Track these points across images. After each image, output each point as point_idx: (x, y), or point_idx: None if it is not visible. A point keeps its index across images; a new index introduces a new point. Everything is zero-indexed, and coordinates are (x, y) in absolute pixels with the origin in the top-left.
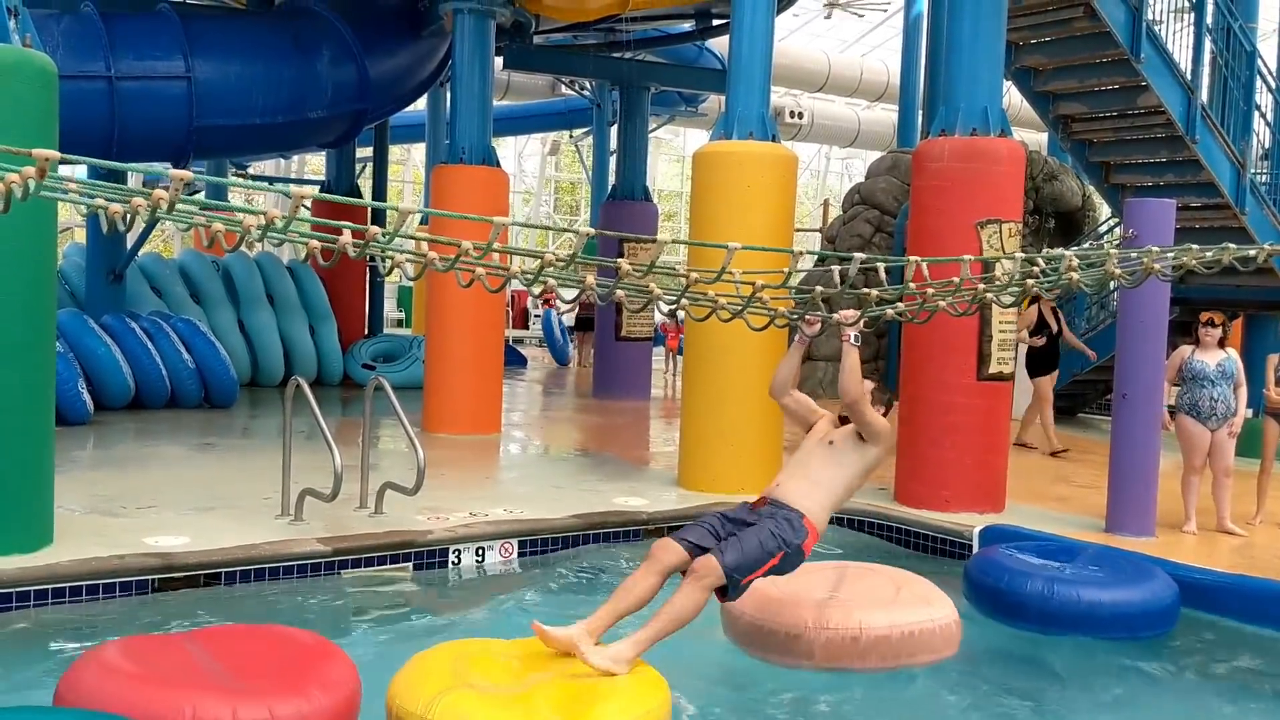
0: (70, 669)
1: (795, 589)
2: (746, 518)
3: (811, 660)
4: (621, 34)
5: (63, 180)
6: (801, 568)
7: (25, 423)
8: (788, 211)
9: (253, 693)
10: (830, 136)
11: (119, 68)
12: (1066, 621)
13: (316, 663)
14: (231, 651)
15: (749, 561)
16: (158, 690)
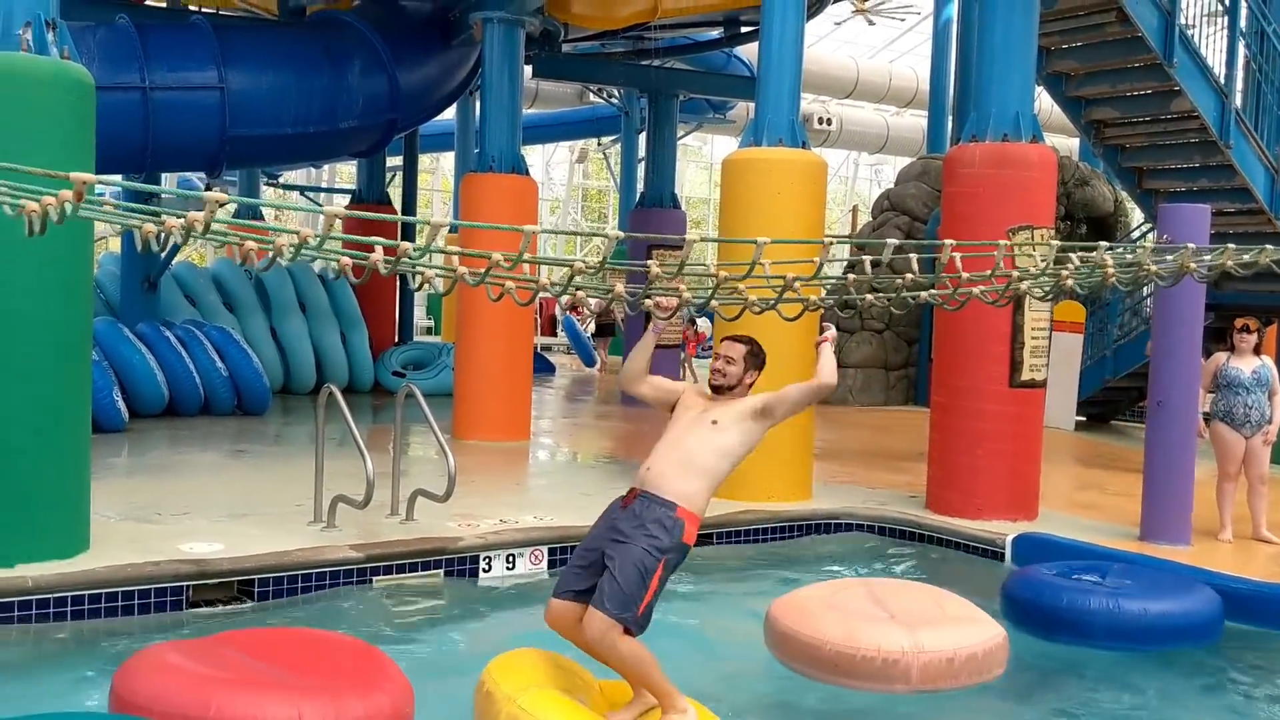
0: (125, 670)
1: (849, 611)
2: (617, 523)
3: (907, 685)
4: (650, 41)
5: (100, 199)
6: (830, 586)
7: (63, 431)
8: (817, 218)
9: (316, 691)
10: (859, 142)
11: (153, 78)
12: (1108, 634)
13: (371, 665)
14: (282, 653)
15: (632, 591)
16: (223, 690)
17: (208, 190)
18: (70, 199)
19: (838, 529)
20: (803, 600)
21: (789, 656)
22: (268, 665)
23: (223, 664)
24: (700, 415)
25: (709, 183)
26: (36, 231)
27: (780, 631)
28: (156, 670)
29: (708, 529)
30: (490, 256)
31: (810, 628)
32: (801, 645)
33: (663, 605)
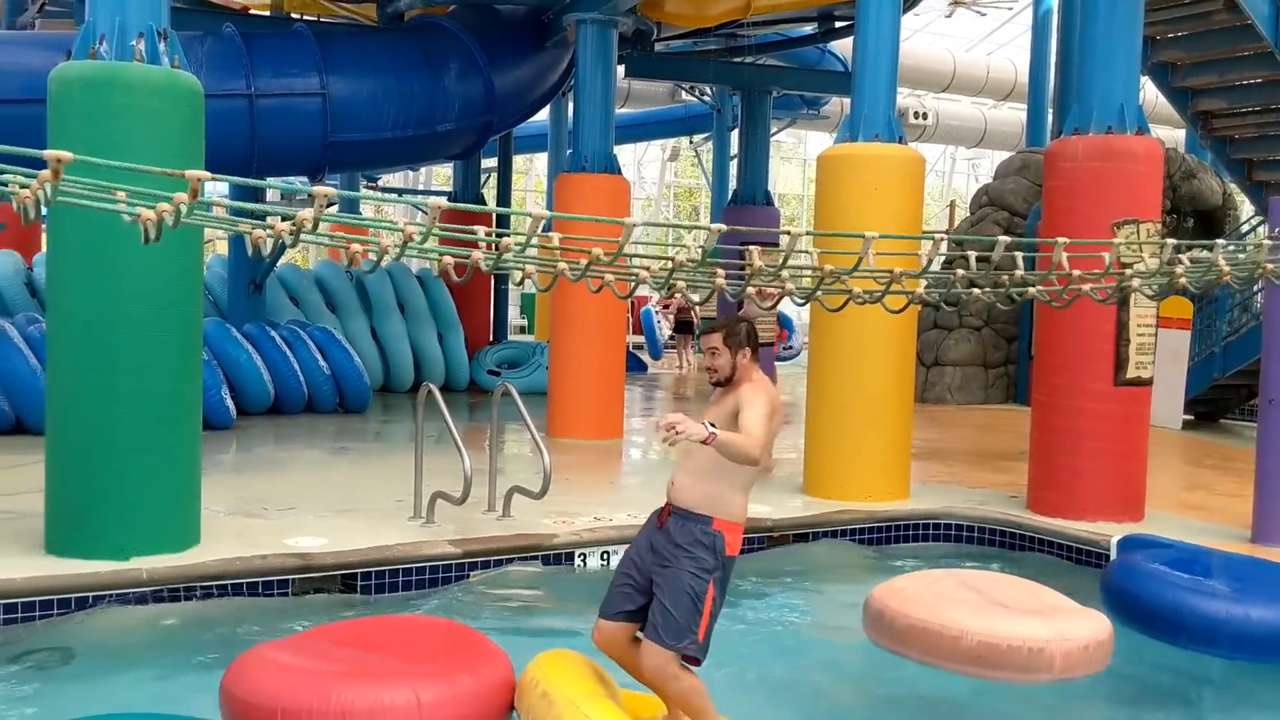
0: (235, 671)
1: (965, 600)
2: (656, 544)
3: (1050, 674)
4: (743, 39)
5: (210, 203)
6: (926, 576)
7: (176, 428)
8: (915, 214)
9: (426, 674)
10: (956, 137)
11: (258, 86)
12: (1217, 639)
13: (469, 643)
14: (380, 641)
15: (686, 620)
16: (339, 683)
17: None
18: (186, 200)
19: (936, 529)
20: (915, 590)
21: (910, 647)
22: (371, 654)
23: (329, 657)
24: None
25: (803, 179)
26: (152, 238)
27: (901, 622)
28: (269, 668)
29: (803, 528)
30: (591, 251)
31: (943, 618)
32: (932, 636)
33: (759, 605)
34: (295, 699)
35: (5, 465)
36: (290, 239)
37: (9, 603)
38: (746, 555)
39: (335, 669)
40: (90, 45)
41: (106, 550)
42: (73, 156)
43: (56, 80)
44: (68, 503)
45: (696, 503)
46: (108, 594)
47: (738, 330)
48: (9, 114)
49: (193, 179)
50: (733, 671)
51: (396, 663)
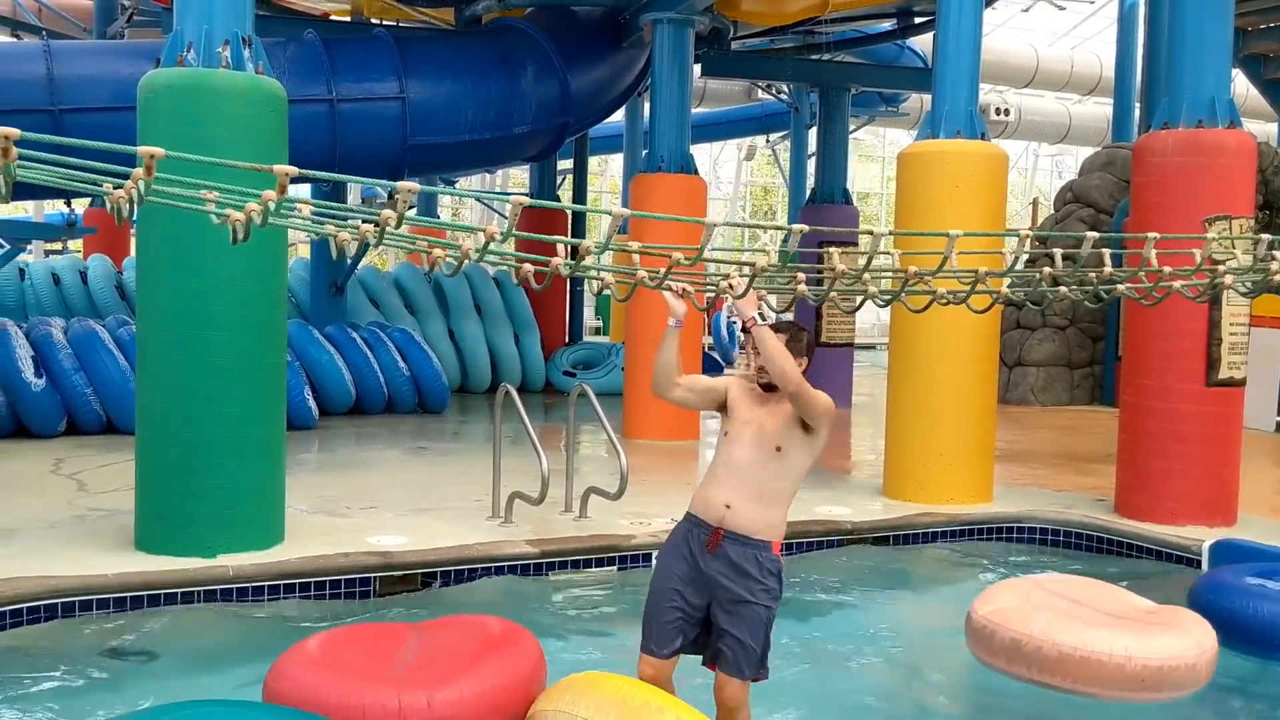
0: (276, 664)
1: (1096, 617)
2: (716, 574)
3: (1198, 686)
4: (820, 36)
5: (295, 203)
6: (1018, 588)
7: (261, 428)
8: (998, 211)
9: (426, 682)
10: (1039, 133)
11: (339, 90)
12: None
13: (500, 644)
14: (421, 641)
15: (763, 649)
16: (342, 681)
17: (390, 198)
18: (274, 197)
19: (1020, 533)
20: (1033, 607)
21: (1035, 670)
22: (408, 652)
23: (357, 654)
24: (761, 436)
25: (881, 177)
26: (240, 238)
27: (1027, 644)
28: (302, 663)
29: (884, 531)
30: (670, 255)
31: (1076, 640)
32: (1063, 659)
33: (842, 610)
34: (306, 693)
35: (97, 464)
36: (375, 239)
37: (101, 598)
38: (825, 557)
39: (349, 668)
40: (178, 53)
41: (194, 548)
42: (165, 153)
43: (146, 87)
44: (157, 501)
45: (760, 528)
46: (195, 590)
47: (800, 338)
48: (100, 121)
49: (280, 174)
50: (820, 680)
51: (410, 666)
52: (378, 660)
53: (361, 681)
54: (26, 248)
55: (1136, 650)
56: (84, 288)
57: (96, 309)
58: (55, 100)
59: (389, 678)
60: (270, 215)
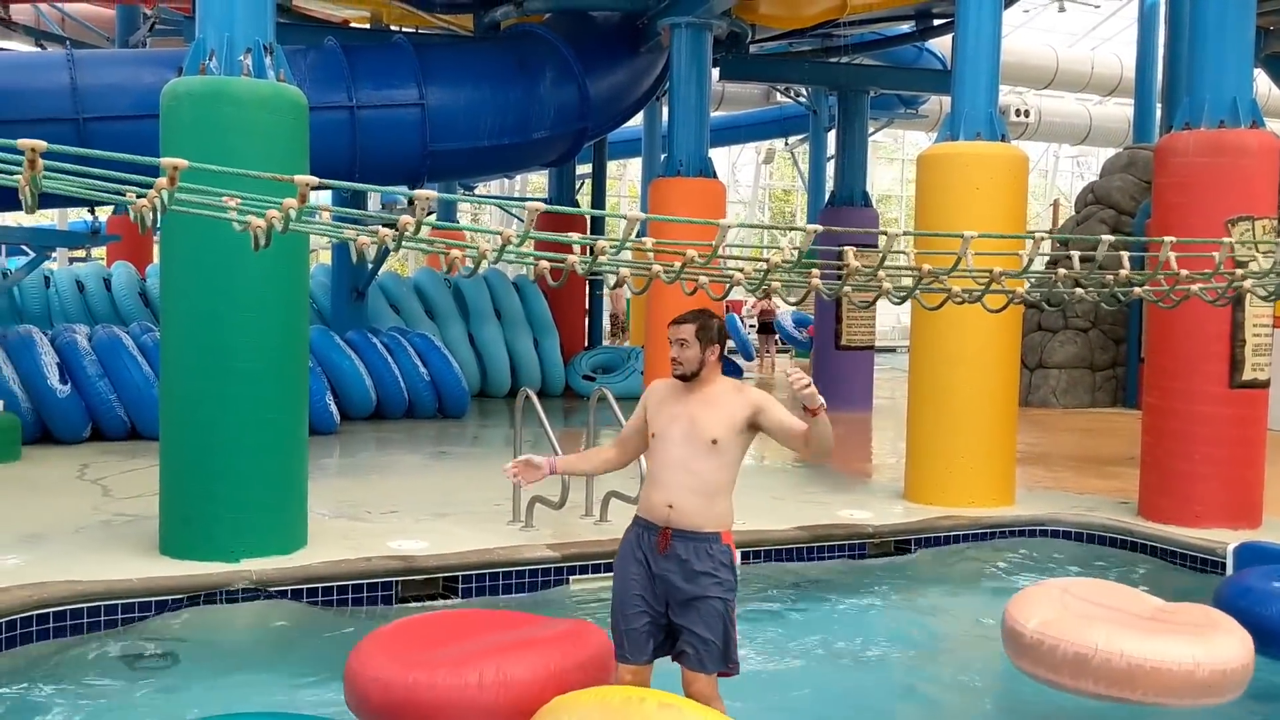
0: (356, 651)
1: (1154, 627)
2: (667, 574)
3: (1244, 689)
4: (839, 38)
5: (315, 210)
6: (1052, 592)
7: (284, 433)
8: (1019, 213)
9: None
10: (1059, 134)
11: (359, 97)
12: None
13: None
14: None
15: (724, 642)
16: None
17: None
18: (295, 205)
19: (1042, 536)
20: (1082, 617)
21: (1103, 684)
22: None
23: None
24: (693, 430)
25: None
26: (262, 245)
27: (1094, 658)
28: (391, 649)
29: (905, 535)
30: (685, 253)
31: (1146, 651)
32: (1133, 671)
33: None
34: (395, 675)
35: (121, 470)
36: (394, 244)
37: (126, 602)
38: (847, 561)
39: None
40: (200, 61)
41: (217, 552)
42: (188, 163)
43: (169, 95)
44: (180, 506)
45: (705, 521)
46: (218, 594)
47: (710, 325)
48: (123, 129)
49: (301, 184)
50: (843, 684)
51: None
52: (457, 642)
53: (440, 661)
54: (51, 255)
55: (1203, 656)
56: (108, 295)
57: (120, 316)
58: (79, 109)
59: (465, 657)
60: (291, 222)
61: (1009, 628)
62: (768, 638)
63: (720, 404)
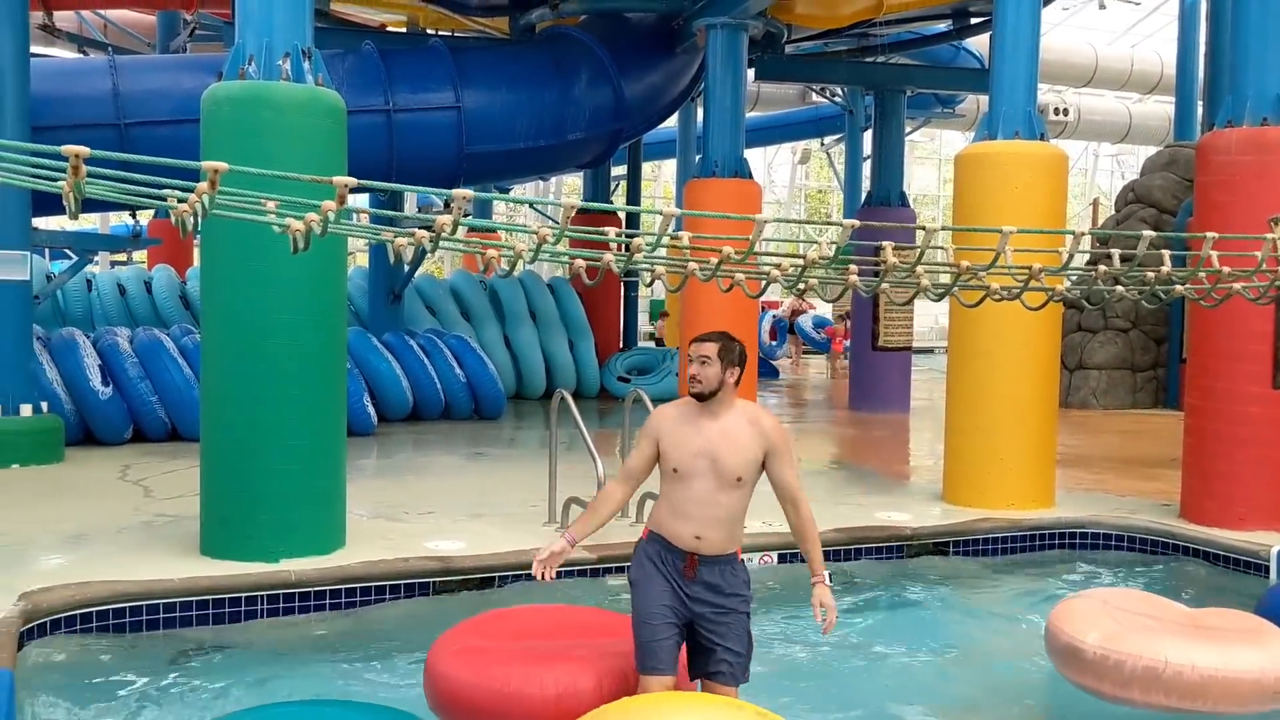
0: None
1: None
2: (695, 592)
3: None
4: (875, 38)
5: (353, 212)
6: (1091, 607)
7: (322, 435)
8: (1058, 212)
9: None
10: (1098, 132)
11: (396, 101)
12: None
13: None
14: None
15: (749, 653)
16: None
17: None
18: (333, 208)
19: (1083, 539)
20: (1141, 630)
21: (1175, 697)
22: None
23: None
24: (718, 469)
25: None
26: (300, 248)
27: (1166, 671)
28: (469, 653)
29: (943, 538)
30: (721, 250)
31: (1217, 662)
32: (1206, 683)
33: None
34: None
35: (162, 471)
36: (430, 245)
37: (168, 602)
38: (885, 563)
39: (534, 652)
40: (240, 65)
41: (257, 552)
42: (228, 167)
43: (209, 100)
44: (221, 507)
45: (728, 546)
46: (259, 594)
47: (733, 347)
48: (164, 134)
49: (339, 185)
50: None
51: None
52: (539, 640)
53: (515, 663)
54: (93, 259)
55: (1268, 664)
56: (149, 298)
57: (161, 318)
58: (121, 114)
59: (547, 657)
60: (329, 224)
61: (1064, 644)
62: (805, 641)
63: (740, 441)
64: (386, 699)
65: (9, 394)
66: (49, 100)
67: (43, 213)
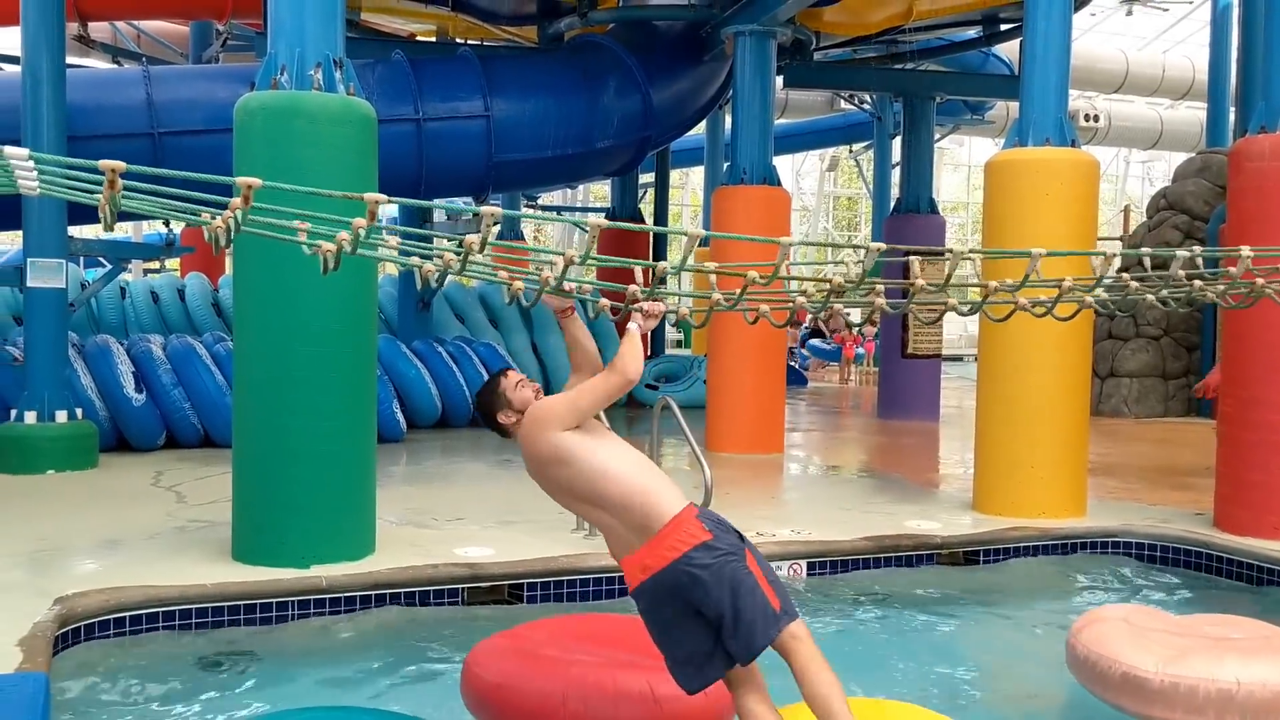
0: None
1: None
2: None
3: None
4: (904, 45)
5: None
6: (1124, 629)
7: (352, 441)
8: (1090, 220)
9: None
10: (1129, 139)
11: (426, 110)
12: None
13: None
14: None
15: None
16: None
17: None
18: (364, 225)
19: (1115, 548)
20: (1198, 650)
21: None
22: (606, 648)
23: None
24: None
25: (966, 186)
26: (331, 268)
27: (1239, 693)
28: (517, 656)
29: (974, 546)
30: (746, 274)
31: None
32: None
33: (936, 630)
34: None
35: (195, 477)
36: (458, 267)
37: (200, 607)
38: (914, 572)
39: (580, 660)
40: (272, 75)
41: (288, 558)
42: (262, 183)
43: (242, 110)
44: (252, 512)
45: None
46: (290, 600)
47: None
48: (197, 143)
49: (370, 202)
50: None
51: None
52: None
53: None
54: (127, 267)
55: None
56: (181, 305)
57: (194, 326)
58: (155, 124)
59: (596, 662)
60: (360, 245)
61: (1126, 675)
62: (832, 648)
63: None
64: (415, 705)
65: (45, 400)
66: (84, 110)
67: (78, 221)
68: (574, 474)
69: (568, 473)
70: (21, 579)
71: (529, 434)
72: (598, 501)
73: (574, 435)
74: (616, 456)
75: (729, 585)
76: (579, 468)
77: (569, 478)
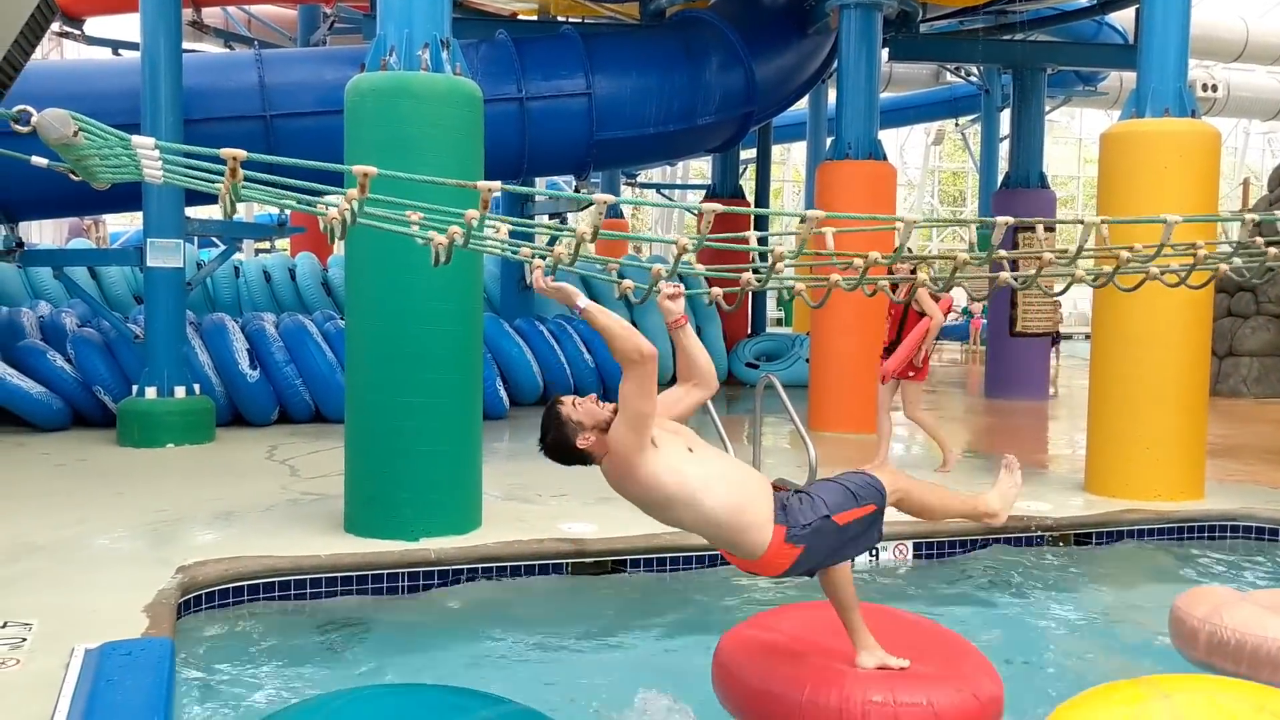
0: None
1: None
2: None
3: None
4: (1013, 15)
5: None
6: (1248, 615)
7: (460, 417)
8: (1210, 193)
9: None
10: (1249, 109)
11: (529, 89)
12: None
13: (952, 644)
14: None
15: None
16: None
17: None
18: (476, 216)
19: (1234, 531)
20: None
21: None
22: None
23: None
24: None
25: (1077, 159)
26: (442, 261)
27: None
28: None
29: (1086, 528)
30: (867, 255)
31: None
32: None
33: (1045, 615)
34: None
35: (307, 451)
36: (568, 260)
37: (314, 577)
38: (1023, 555)
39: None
40: (381, 57)
41: (398, 531)
42: (378, 171)
43: (353, 91)
44: (364, 486)
45: None
46: (400, 572)
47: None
48: (308, 125)
49: (483, 190)
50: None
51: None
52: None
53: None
54: (240, 247)
55: None
56: (292, 284)
57: (304, 304)
58: (267, 106)
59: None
60: (471, 238)
61: None
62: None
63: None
64: (522, 677)
65: (164, 376)
66: (199, 93)
67: (193, 203)
68: (680, 517)
69: (674, 515)
70: (144, 549)
71: (619, 482)
72: (703, 533)
73: (661, 468)
74: (706, 487)
75: (838, 555)
76: (678, 512)
77: (677, 519)
